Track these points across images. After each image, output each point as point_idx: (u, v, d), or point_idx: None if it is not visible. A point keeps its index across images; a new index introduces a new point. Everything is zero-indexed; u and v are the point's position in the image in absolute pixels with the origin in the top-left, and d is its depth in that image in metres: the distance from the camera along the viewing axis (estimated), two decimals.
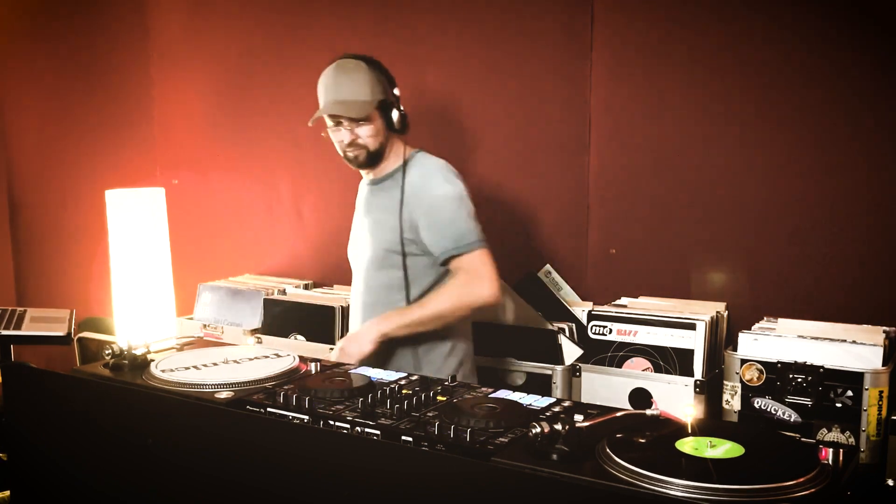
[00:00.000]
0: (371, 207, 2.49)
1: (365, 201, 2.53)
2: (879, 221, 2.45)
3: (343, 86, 2.36)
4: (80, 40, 4.11)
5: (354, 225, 2.59)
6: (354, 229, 2.59)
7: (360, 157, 2.42)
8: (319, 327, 3.11)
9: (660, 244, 2.80)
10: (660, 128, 2.75)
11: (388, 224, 2.40)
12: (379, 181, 2.48)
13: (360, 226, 2.54)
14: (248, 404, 1.68)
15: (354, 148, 2.40)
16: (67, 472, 1.79)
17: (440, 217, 2.34)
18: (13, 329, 2.81)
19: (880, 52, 2.40)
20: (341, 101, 2.36)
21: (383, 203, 2.43)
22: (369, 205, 2.50)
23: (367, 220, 2.48)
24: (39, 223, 4.30)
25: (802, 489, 1.23)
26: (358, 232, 2.56)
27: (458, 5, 3.08)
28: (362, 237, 2.50)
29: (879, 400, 2.15)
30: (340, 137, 2.41)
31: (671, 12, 2.69)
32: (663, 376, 2.53)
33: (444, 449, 1.44)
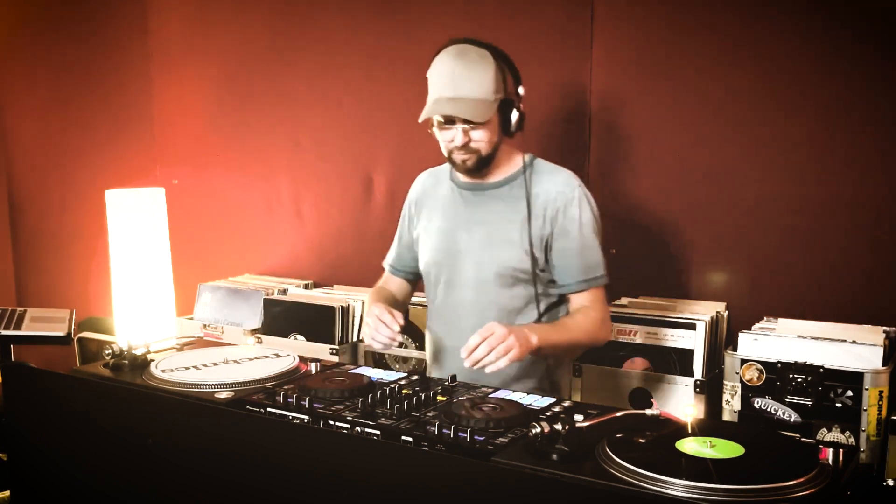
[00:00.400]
0: (479, 216, 2.18)
1: (466, 208, 2.20)
2: (880, 221, 2.44)
3: (463, 80, 2.02)
4: (80, 40, 4.11)
5: (438, 231, 2.24)
6: (439, 236, 2.24)
7: (470, 163, 2.11)
8: (319, 327, 3.11)
9: (660, 244, 2.80)
10: (660, 128, 2.75)
11: (509, 238, 2.12)
12: (489, 187, 2.18)
13: (454, 234, 2.20)
14: (248, 404, 1.68)
15: (465, 152, 2.08)
16: (67, 472, 1.79)
17: (580, 242, 2.10)
18: (13, 329, 2.81)
19: (880, 52, 2.40)
20: (459, 99, 2.02)
21: (499, 213, 2.15)
22: (475, 213, 2.19)
23: (477, 231, 2.17)
24: (39, 223, 4.30)
25: (802, 489, 1.23)
26: (450, 242, 2.21)
27: (457, 5, 3.08)
28: (464, 249, 2.18)
29: (879, 400, 2.15)
30: (450, 137, 2.08)
31: (671, 12, 2.69)
32: (663, 376, 2.53)
33: (444, 449, 1.44)
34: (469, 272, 2.17)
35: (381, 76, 3.28)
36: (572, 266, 2.11)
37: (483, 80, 2.02)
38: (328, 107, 3.44)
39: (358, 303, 3.11)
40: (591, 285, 2.12)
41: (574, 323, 2.09)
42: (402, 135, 3.24)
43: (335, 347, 3.04)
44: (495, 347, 1.84)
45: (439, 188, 2.29)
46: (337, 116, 3.42)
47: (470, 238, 2.17)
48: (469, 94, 2.02)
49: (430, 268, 2.25)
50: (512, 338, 1.85)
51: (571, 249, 2.10)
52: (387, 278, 2.45)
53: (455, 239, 2.19)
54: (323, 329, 3.10)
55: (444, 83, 2.04)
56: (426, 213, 2.30)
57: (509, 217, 2.14)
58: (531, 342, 1.91)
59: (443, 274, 2.22)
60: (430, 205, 2.29)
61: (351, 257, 3.44)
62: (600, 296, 2.14)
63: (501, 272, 2.12)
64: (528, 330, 1.94)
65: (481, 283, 2.15)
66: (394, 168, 3.29)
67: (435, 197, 2.29)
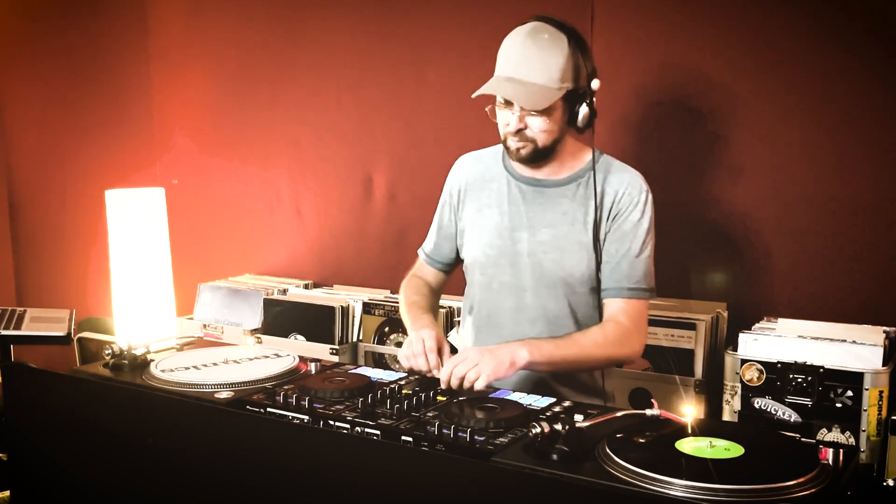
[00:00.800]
0: (544, 215, 2.02)
1: (527, 205, 2.03)
2: (880, 221, 2.44)
3: (529, 62, 1.87)
4: (81, 40, 4.11)
5: (494, 228, 2.06)
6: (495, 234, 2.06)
7: (524, 152, 1.95)
8: (319, 327, 3.11)
9: (660, 244, 2.80)
10: (660, 127, 2.75)
11: (575, 240, 1.98)
12: (553, 184, 2.03)
13: (515, 233, 2.03)
14: (248, 404, 1.68)
15: (520, 139, 1.94)
16: (67, 472, 1.79)
17: (633, 248, 1.98)
18: (13, 329, 2.81)
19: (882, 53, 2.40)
20: (520, 81, 1.87)
21: (567, 214, 2.00)
22: (539, 211, 2.02)
23: (542, 232, 2.01)
24: (39, 223, 4.30)
25: (802, 489, 1.23)
26: (509, 241, 2.04)
27: (457, 5, 3.08)
28: (526, 250, 2.02)
29: (879, 400, 2.15)
30: (506, 121, 1.94)
31: (671, 12, 2.69)
32: (663, 376, 2.53)
33: (444, 449, 1.44)
34: (529, 276, 2.01)
35: (382, 76, 3.28)
36: (617, 271, 1.98)
37: (550, 65, 1.86)
38: (328, 107, 3.44)
39: (358, 302, 3.11)
40: (631, 295, 1.97)
41: (586, 337, 1.92)
42: (402, 135, 3.24)
43: (335, 347, 3.04)
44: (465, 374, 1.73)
45: (491, 177, 2.10)
46: (337, 116, 3.42)
47: (533, 239, 2.01)
48: (531, 77, 1.86)
49: (482, 268, 2.08)
50: (484, 362, 1.74)
51: (622, 254, 1.98)
52: (421, 267, 2.27)
53: (517, 238, 2.02)
54: (323, 329, 3.10)
55: (508, 61, 1.89)
56: (474, 203, 2.12)
57: (577, 218, 1.99)
58: (518, 359, 1.78)
59: (498, 276, 2.05)
60: (481, 196, 2.11)
61: (351, 257, 3.44)
62: (639, 308, 1.99)
63: (568, 278, 1.99)
64: (518, 346, 1.81)
65: (543, 288, 2.00)
66: (394, 168, 3.29)
67: (486, 187, 2.10)
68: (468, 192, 2.14)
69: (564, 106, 1.93)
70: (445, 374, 1.76)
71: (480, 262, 2.08)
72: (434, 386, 1.79)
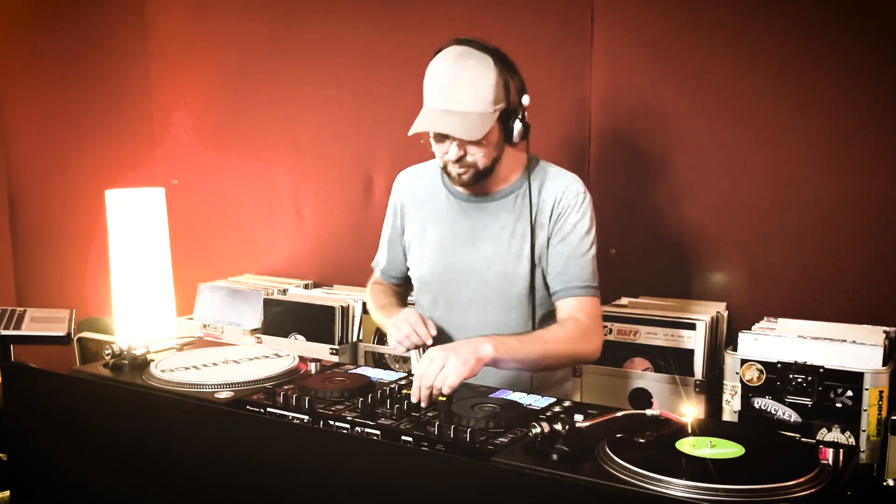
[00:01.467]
0: (484, 230, 2.05)
1: (468, 221, 2.07)
2: (880, 221, 2.44)
3: (459, 91, 1.87)
4: (80, 40, 4.11)
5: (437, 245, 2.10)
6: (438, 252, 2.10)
7: (466, 177, 1.97)
8: (319, 327, 3.11)
9: (660, 244, 2.80)
10: (660, 127, 2.75)
11: (514, 251, 2.02)
12: (492, 199, 2.06)
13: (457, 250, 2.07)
14: (248, 404, 1.68)
15: (461, 166, 1.95)
16: (67, 473, 1.79)
17: (576, 248, 2.01)
18: (13, 329, 2.81)
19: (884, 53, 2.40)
20: (453, 112, 1.87)
21: (506, 227, 2.04)
22: (479, 226, 2.06)
23: (483, 246, 2.04)
24: (39, 223, 4.30)
25: (802, 489, 1.23)
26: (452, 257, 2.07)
27: (457, 5, 3.08)
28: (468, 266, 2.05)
29: (879, 400, 2.15)
30: (444, 150, 1.95)
31: (671, 12, 2.69)
32: (663, 376, 2.53)
33: (444, 449, 1.44)
34: (475, 292, 2.05)
35: (382, 76, 3.28)
36: (565, 272, 2.01)
37: (481, 90, 1.87)
38: (328, 107, 3.44)
39: (358, 303, 3.11)
40: (584, 293, 2.00)
41: (549, 334, 1.94)
42: (402, 135, 3.20)
43: (335, 347, 3.04)
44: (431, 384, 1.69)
45: (431, 195, 2.14)
46: (337, 116, 3.42)
47: (475, 254, 2.04)
48: (465, 106, 1.86)
49: (428, 285, 2.12)
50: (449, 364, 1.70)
51: (567, 255, 2.01)
52: (379, 281, 2.32)
53: (458, 255, 2.06)
54: (323, 329, 3.10)
55: (437, 92, 1.89)
56: (416, 220, 2.16)
57: (517, 230, 2.02)
58: (483, 354, 1.75)
59: (443, 292, 2.09)
60: (421, 213, 2.15)
61: (351, 257, 3.44)
62: (593, 307, 2.01)
63: (511, 291, 2.02)
64: (481, 341, 1.78)
65: (489, 303, 2.04)
66: (394, 168, 3.25)
67: (426, 205, 2.14)
68: (410, 210, 2.18)
69: (499, 125, 1.94)
70: (415, 390, 1.70)
71: (426, 279, 2.12)
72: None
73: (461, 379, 1.71)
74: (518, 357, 1.86)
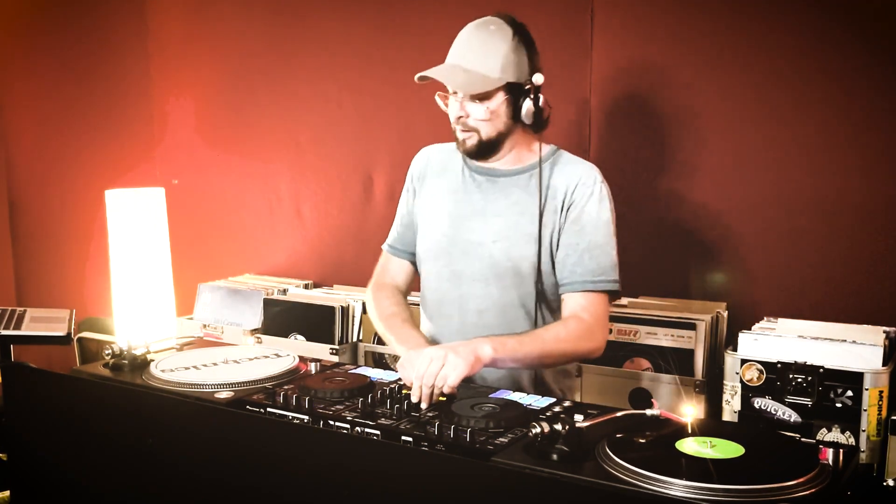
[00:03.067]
0: (496, 205, 2.04)
1: (481, 195, 2.06)
2: (880, 221, 2.44)
3: (472, 51, 1.93)
4: (80, 40, 4.11)
5: (447, 216, 2.08)
6: (447, 222, 2.08)
7: (469, 143, 1.99)
8: (319, 327, 3.11)
9: (660, 244, 2.80)
10: (660, 127, 2.75)
11: (524, 231, 1.99)
12: (503, 174, 2.05)
13: (467, 222, 2.06)
14: (248, 404, 1.68)
15: (463, 127, 1.98)
16: (67, 473, 1.79)
17: (592, 239, 1.97)
18: (13, 329, 2.81)
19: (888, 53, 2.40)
20: (462, 68, 1.93)
21: (518, 204, 2.02)
22: (491, 201, 2.04)
23: (493, 221, 2.03)
24: (39, 223, 4.30)
25: (802, 489, 1.23)
26: (461, 230, 2.06)
27: (456, 5, 3.08)
28: (476, 240, 2.04)
29: (879, 400, 2.15)
30: (451, 109, 2.01)
31: (671, 12, 2.69)
32: (663, 376, 2.53)
33: (444, 449, 1.44)
34: (479, 265, 2.02)
35: (381, 76, 3.28)
36: (577, 264, 1.97)
37: (490, 55, 1.91)
38: (328, 107, 3.44)
39: (358, 303, 3.11)
40: (593, 288, 1.96)
41: (549, 333, 1.92)
42: (402, 135, 3.24)
43: (335, 347, 3.04)
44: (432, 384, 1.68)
45: (449, 167, 2.13)
46: (337, 116, 3.42)
47: (485, 228, 2.03)
48: (472, 66, 1.92)
49: (435, 255, 2.09)
50: (449, 363, 1.69)
51: (580, 246, 1.97)
52: (387, 263, 2.26)
53: (467, 227, 2.05)
54: (323, 329, 3.10)
55: (455, 50, 1.97)
56: (430, 190, 2.14)
57: (527, 209, 2.00)
58: (482, 355, 1.75)
59: (450, 264, 2.06)
60: (438, 183, 2.13)
61: (351, 257, 3.44)
62: (599, 303, 1.97)
63: (516, 268, 1.99)
64: (481, 342, 1.78)
65: (492, 277, 2.01)
66: (394, 168, 3.29)
67: (443, 175, 2.13)
68: (425, 180, 2.17)
69: (509, 99, 1.96)
70: (415, 390, 1.69)
71: (433, 250, 2.09)
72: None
73: (461, 378, 1.70)
74: (517, 357, 1.85)
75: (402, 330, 2.04)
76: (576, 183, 2.00)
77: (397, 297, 2.19)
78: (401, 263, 2.24)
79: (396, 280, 2.24)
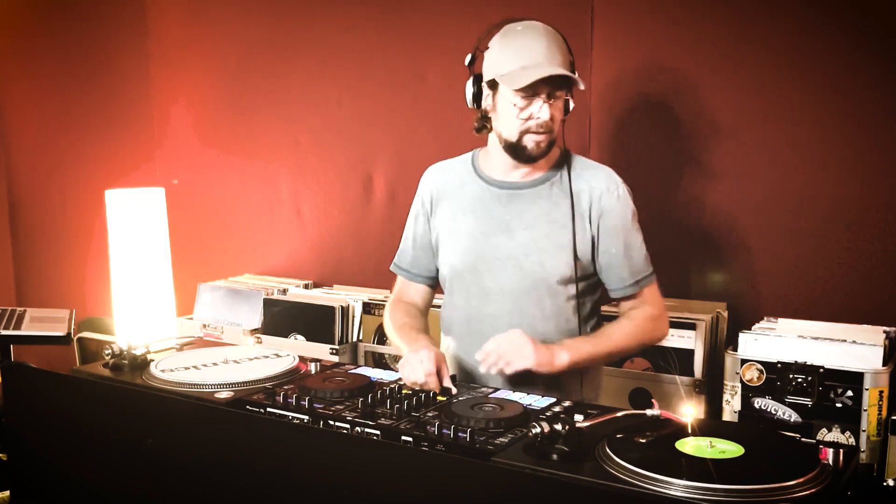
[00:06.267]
0: (521, 218, 2.00)
1: (504, 209, 2.02)
2: (879, 221, 2.44)
3: (556, 54, 1.90)
4: (80, 40, 4.11)
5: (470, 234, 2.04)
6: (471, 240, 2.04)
7: (544, 144, 1.94)
8: (319, 327, 3.11)
9: (660, 244, 2.80)
10: (660, 127, 2.75)
11: (555, 240, 1.97)
12: (529, 185, 2.02)
13: (492, 238, 2.02)
14: (248, 404, 1.68)
15: (544, 129, 1.93)
16: (67, 472, 1.79)
17: (629, 242, 2.01)
18: (13, 329, 2.81)
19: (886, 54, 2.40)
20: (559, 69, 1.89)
21: (544, 215, 1.99)
22: (516, 214, 2.01)
23: (520, 234, 1.99)
24: (39, 223, 4.30)
25: (802, 489, 1.23)
26: (486, 246, 2.02)
27: (457, 6, 3.08)
28: (504, 255, 2.00)
29: (879, 400, 2.15)
30: (531, 113, 1.91)
31: (671, 12, 2.69)
32: (663, 376, 2.53)
33: (444, 449, 1.44)
34: (509, 280, 2.00)
35: (382, 76, 3.28)
36: (621, 267, 2.01)
37: (567, 57, 1.94)
38: (328, 107, 3.44)
39: (358, 303, 3.11)
40: (642, 286, 2.03)
41: (618, 330, 2.00)
42: (402, 135, 3.24)
43: (335, 347, 3.04)
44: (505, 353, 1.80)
45: (463, 183, 2.09)
46: (337, 116, 3.42)
47: (511, 242, 2.00)
48: (562, 68, 1.90)
49: (461, 273, 2.06)
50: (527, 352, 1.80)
51: (619, 251, 2.00)
52: (403, 286, 2.22)
53: (493, 243, 2.01)
54: (323, 329, 3.10)
55: (535, 51, 1.89)
56: (447, 212, 2.10)
57: (555, 218, 1.98)
58: (559, 362, 1.84)
59: (476, 282, 2.03)
60: (453, 203, 2.09)
61: (351, 257, 3.44)
62: (655, 292, 2.06)
63: (549, 279, 1.97)
64: (558, 349, 1.85)
65: (524, 291, 1.99)
66: (394, 168, 3.29)
67: (458, 194, 2.09)
68: (440, 201, 2.12)
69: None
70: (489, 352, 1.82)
71: (458, 269, 2.06)
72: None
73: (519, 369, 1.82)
74: (590, 357, 1.96)
75: (411, 334, 2.02)
76: (600, 191, 2.00)
77: (412, 310, 2.17)
78: (417, 288, 2.21)
79: (415, 300, 2.22)
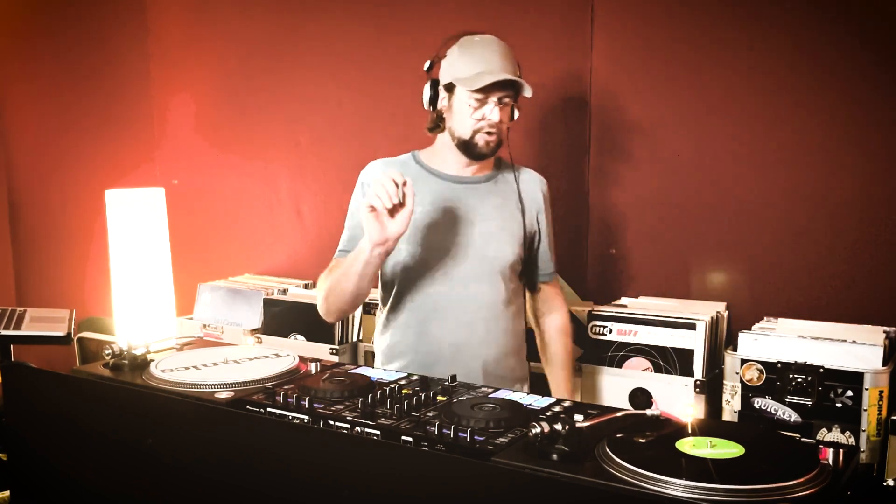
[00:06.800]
0: (480, 210, 2.21)
1: (464, 201, 2.21)
2: (880, 221, 2.44)
3: (510, 63, 2.12)
4: (81, 40, 4.11)
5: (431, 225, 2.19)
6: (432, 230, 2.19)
7: (493, 144, 2.16)
8: (319, 327, 3.11)
9: (660, 244, 2.80)
10: (660, 125, 2.75)
11: (510, 232, 2.22)
12: (479, 180, 2.25)
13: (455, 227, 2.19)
14: (247, 404, 1.68)
15: (494, 131, 2.14)
16: (67, 473, 1.79)
17: (551, 236, 2.36)
18: (13, 329, 2.81)
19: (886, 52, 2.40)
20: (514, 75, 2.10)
21: (498, 208, 2.23)
22: (474, 206, 2.21)
23: (480, 225, 2.20)
24: (39, 223, 4.30)
25: (802, 489, 1.23)
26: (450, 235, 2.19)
27: (457, 5, 3.08)
28: (465, 243, 2.18)
29: (879, 400, 2.15)
30: (484, 114, 2.11)
31: (671, 12, 2.69)
32: (663, 376, 2.53)
33: (444, 449, 1.44)
34: (472, 267, 2.19)
35: (381, 75, 3.28)
36: (545, 256, 2.34)
37: (517, 69, 2.15)
38: (328, 106, 3.44)
39: None
40: (556, 274, 2.40)
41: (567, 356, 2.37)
42: (402, 135, 3.24)
43: (335, 347, 3.04)
44: None
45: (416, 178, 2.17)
46: (337, 116, 3.42)
47: (474, 231, 2.20)
48: (514, 73, 2.12)
49: (423, 262, 2.18)
50: None
51: (546, 243, 2.34)
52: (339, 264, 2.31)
53: (456, 232, 2.19)
54: (323, 329, 3.10)
55: (491, 60, 2.10)
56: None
57: (508, 211, 2.24)
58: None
59: (441, 269, 2.18)
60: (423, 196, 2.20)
61: None
62: (558, 282, 2.44)
63: (504, 266, 2.21)
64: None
65: (484, 276, 2.20)
66: None
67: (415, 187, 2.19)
68: None
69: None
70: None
71: (422, 256, 2.19)
72: (434, 386, 1.78)
73: None
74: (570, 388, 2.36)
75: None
76: (541, 190, 2.32)
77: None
78: None
79: None
